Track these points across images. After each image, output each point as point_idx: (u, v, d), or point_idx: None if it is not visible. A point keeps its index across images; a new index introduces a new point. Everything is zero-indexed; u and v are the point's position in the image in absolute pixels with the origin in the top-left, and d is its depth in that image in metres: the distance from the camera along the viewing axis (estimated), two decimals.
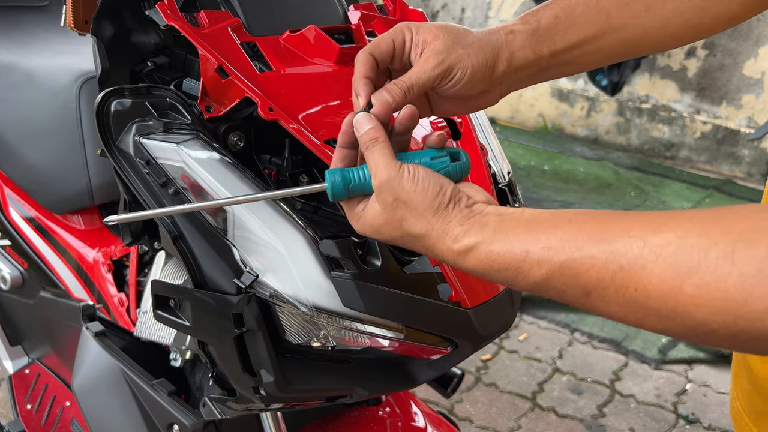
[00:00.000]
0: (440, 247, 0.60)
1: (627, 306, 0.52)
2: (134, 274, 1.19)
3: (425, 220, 0.60)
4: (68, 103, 1.27)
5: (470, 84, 0.69)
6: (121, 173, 0.75)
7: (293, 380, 0.76)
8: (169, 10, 0.77)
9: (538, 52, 0.71)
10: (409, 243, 0.62)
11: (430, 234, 0.60)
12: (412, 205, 0.60)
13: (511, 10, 4.73)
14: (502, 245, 0.57)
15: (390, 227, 0.62)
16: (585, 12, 0.72)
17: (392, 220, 0.61)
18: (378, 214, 0.62)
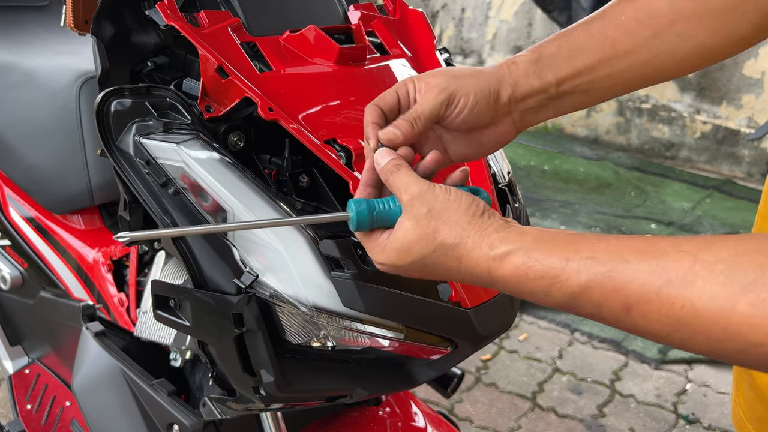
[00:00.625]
0: (475, 255, 0.58)
1: (671, 324, 0.49)
2: (134, 274, 1.19)
3: (460, 227, 0.59)
4: (68, 103, 1.27)
5: (475, 111, 0.69)
6: (121, 173, 0.75)
7: (293, 380, 0.76)
8: (169, 10, 0.77)
9: (543, 79, 0.71)
10: (440, 258, 0.60)
11: (466, 241, 0.58)
12: (446, 214, 0.59)
13: (511, 10, 4.73)
14: (540, 252, 0.55)
15: (422, 242, 0.60)
16: (588, 40, 0.72)
17: (425, 233, 0.60)
18: (409, 232, 0.60)
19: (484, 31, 4.91)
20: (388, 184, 0.64)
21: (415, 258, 0.61)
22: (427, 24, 0.94)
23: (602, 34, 0.72)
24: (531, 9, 4.64)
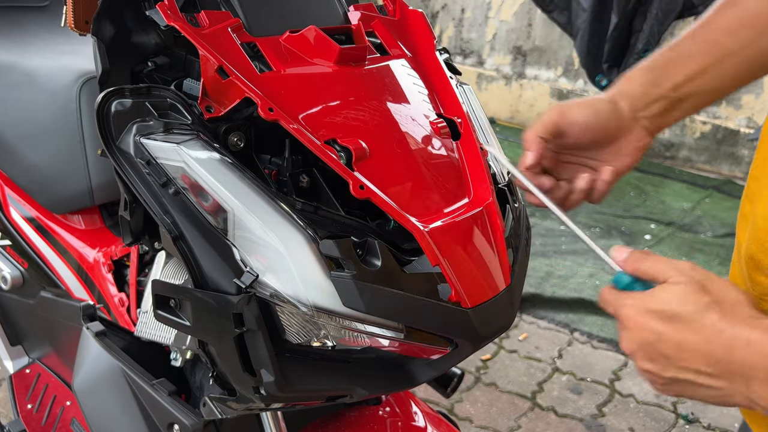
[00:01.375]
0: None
1: None
2: (134, 274, 1.19)
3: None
4: (68, 103, 1.27)
5: (598, 118, 0.79)
6: (121, 173, 0.75)
7: (293, 380, 0.76)
8: (169, 11, 0.77)
9: (660, 86, 0.79)
10: (712, 315, 0.58)
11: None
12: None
13: (511, 11, 4.73)
14: None
15: (692, 298, 0.59)
16: (695, 47, 0.79)
17: (695, 291, 0.60)
18: (679, 287, 0.60)
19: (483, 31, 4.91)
20: (641, 272, 0.64)
21: (659, 315, 0.60)
22: (427, 24, 0.94)
23: (707, 40, 0.78)
24: (531, 9, 4.64)
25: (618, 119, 0.80)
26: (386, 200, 0.74)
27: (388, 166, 0.77)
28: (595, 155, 0.82)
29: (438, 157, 0.82)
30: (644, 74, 0.80)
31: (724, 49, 0.77)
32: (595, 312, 2.77)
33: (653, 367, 0.62)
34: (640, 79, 0.80)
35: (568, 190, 0.83)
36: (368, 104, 0.80)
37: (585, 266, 3.08)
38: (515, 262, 0.84)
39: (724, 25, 0.78)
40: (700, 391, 0.61)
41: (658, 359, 0.61)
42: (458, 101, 0.88)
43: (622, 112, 0.79)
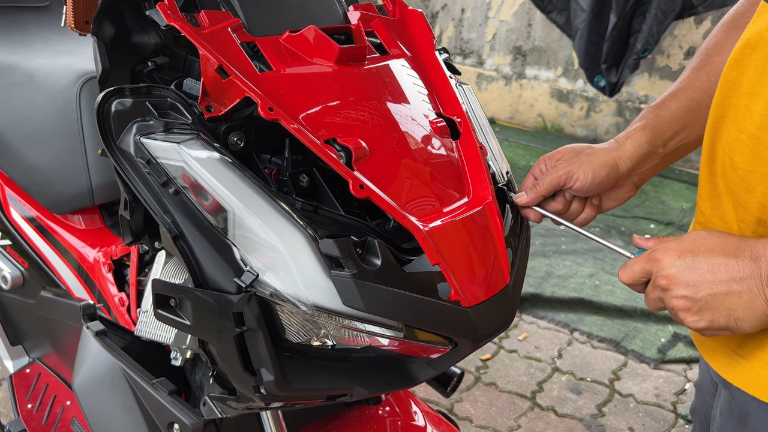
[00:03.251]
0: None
1: None
2: (135, 273, 1.19)
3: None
4: (69, 103, 1.27)
5: (596, 183, 0.90)
6: (121, 173, 0.75)
7: (293, 379, 0.76)
8: (169, 11, 0.77)
9: (653, 144, 0.93)
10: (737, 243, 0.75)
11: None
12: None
13: (511, 11, 4.73)
14: None
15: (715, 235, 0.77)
16: (680, 106, 0.93)
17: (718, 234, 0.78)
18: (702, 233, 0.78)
19: (483, 31, 4.91)
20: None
21: (695, 235, 0.75)
22: (426, 24, 0.94)
23: (688, 98, 0.93)
24: (530, 10, 4.64)
25: (615, 179, 0.92)
26: (386, 200, 0.74)
27: (388, 165, 0.77)
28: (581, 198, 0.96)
29: (437, 156, 0.83)
30: (642, 135, 0.92)
31: (701, 105, 0.92)
32: (595, 312, 2.78)
33: (688, 291, 0.74)
34: (639, 140, 0.92)
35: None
36: (368, 104, 0.80)
37: (585, 266, 3.08)
38: (515, 262, 0.84)
39: (699, 85, 0.93)
40: (730, 302, 0.73)
41: (694, 282, 0.74)
42: (458, 101, 0.88)
43: (620, 171, 0.91)
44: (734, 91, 0.82)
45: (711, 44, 0.97)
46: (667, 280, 0.76)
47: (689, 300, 0.75)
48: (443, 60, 0.93)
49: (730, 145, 0.82)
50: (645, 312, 2.76)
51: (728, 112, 0.82)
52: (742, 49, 0.81)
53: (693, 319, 0.76)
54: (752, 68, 0.78)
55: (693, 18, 4.08)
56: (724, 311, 0.74)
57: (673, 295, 0.76)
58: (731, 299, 0.73)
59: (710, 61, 0.95)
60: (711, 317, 0.75)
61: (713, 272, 0.74)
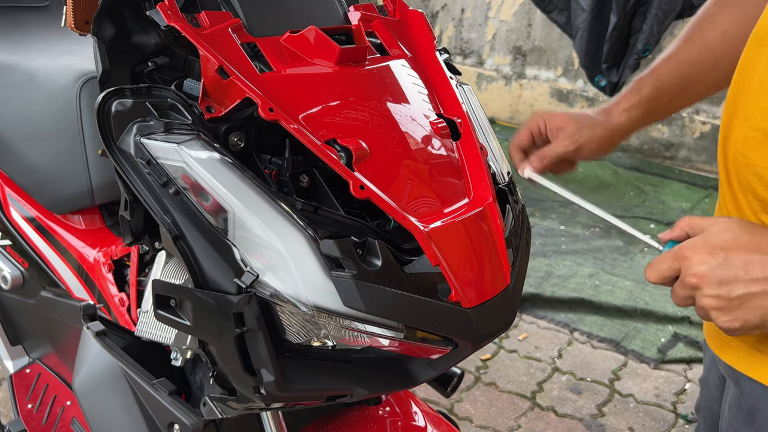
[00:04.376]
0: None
1: None
2: (135, 273, 1.19)
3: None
4: (69, 103, 1.27)
5: (596, 152, 0.99)
6: (121, 173, 0.75)
7: (293, 380, 0.76)
8: (169, 11, 0.77)
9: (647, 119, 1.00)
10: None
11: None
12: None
13: (511, 11, 4.73)
14: None
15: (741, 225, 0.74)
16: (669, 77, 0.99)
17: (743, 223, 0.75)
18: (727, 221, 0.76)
19: (483, 31, 4.91)
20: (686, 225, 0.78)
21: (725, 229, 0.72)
22: (427, 24, 0.94)
23: (680, 71, 0.98)
24: (530, 9, 4.64)
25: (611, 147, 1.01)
26: (386, 200, 0.74)
27: (388, 166, 0.77)
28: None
29: (438, 157, 0.83)
30: (640, 110, 0.99)
31: (690, 79, 0.98)
32: (595, 312, 2.78)
33: (721, 290, 0.71)
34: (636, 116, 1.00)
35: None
36: (368, 104, 0.80)
37: (585, 266, 3.08)
38: (515, 262, 0.84)
39: (691, 58, 0.98)
40: (766, 301, 0.70)
41: (727, 280, 0.70)
42: (458, 101, 0.88)
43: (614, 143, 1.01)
44: (745, 89, 0.82)
45: (703, 17, 0.98)
46: (698, 279, 0.72)
47: (722, 299, 0.72)
48: (443, 60, 0.93)
49: (742, 142, 0.81)
50: (645, 312, 2.76)
51: (739, 111, 0.82)
52: (752, 46, 0.81)
53: (726, 318, 0.72)
54: (762, 65, 0.78)
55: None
56: (759, 310, 0.71)
57: (704, 294, 0.72)
58: (765, 298, 0.70)
59: (702, 35, 0.97)
60: (745, 316, 0.71)
61: (747, 270, 0.70)
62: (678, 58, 0.99)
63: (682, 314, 2.74)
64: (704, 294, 0.72)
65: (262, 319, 0.72)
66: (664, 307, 2.79)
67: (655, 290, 2.91)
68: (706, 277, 0.72)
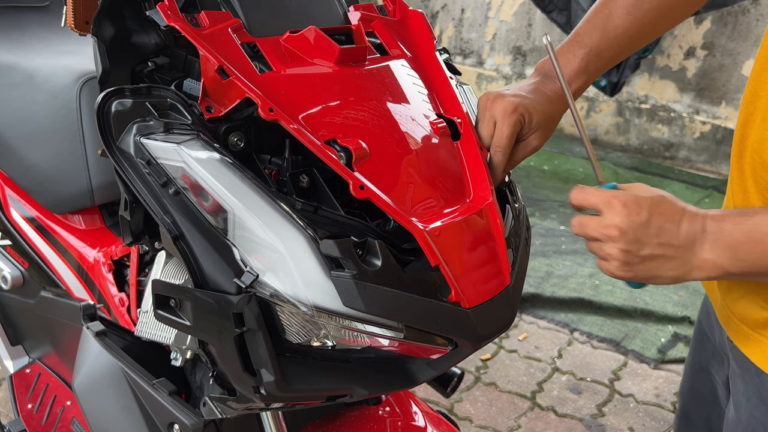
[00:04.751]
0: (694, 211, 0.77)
1: None
2: (135, 273, 1.19)
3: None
4: (69, 103, 1.27)
5: (545, 121, 0.91)
6: (121, 173, 0.75)
7: (293, 380, 0.76)
8: (169, 11, 0.77)
9: (585, 60, 0.95)
10: (668, 206, 0.77)
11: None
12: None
13: (511, 11, 4.73)
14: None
15: (650, 195, 0.78)
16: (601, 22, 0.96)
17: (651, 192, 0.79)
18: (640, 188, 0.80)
19: (483, 31, 4.91)
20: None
21: (653, 196, 0.77)
22: (426, 24, 0.94)
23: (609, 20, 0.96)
24: (530, 9, 4.64)
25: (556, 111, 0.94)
26: (386, 200, 0.74)
27: (388, 166, 0.77)
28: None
29: (438, 157, 0.83)
30: (583, 79, 0.96)
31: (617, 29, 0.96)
32: (595, 312, 2.78)
33: (633, 247, 0.76)
34: (581, 86, 0.96)
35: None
36: (368, 104, 0.80)
37: (585, 266, 3.08)
38: (515, 262, 0.84)
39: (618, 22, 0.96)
40: (663, 265, 0.77)
41: (641, 240, 0.76)
42: (458, 101, 0.88)
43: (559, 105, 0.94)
44: (762, 89, 0.82)
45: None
46: (619, 231, 0.77)
47: (631, 255, 0.77)
48: (443, 60, 0.93)
49: (759, 143, 0.83)
50: (645, 312, 2.76)
51: (757, 111, 0.83)
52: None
53: (622, 271, 0.79)
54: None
55: (693, 18, 4.08)
56: (651, 271, 0.78)
57: (616, 246, 0.77)
58: (662, 261, 0.77)
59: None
60: (638, 273, 0.78)
61: (659, 235, 0.76)
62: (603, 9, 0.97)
63: (682, 314, 2.75)
64: (616, 246, 0.77)
65: (262, 319, 0.72)
66: (664, 307, 2.79)
67: (655, 290, 2.91)
68: (625, 233, 0.77)
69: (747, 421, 0.90)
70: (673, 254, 0.77)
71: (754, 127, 0.84)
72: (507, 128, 0.86)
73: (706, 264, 0.76)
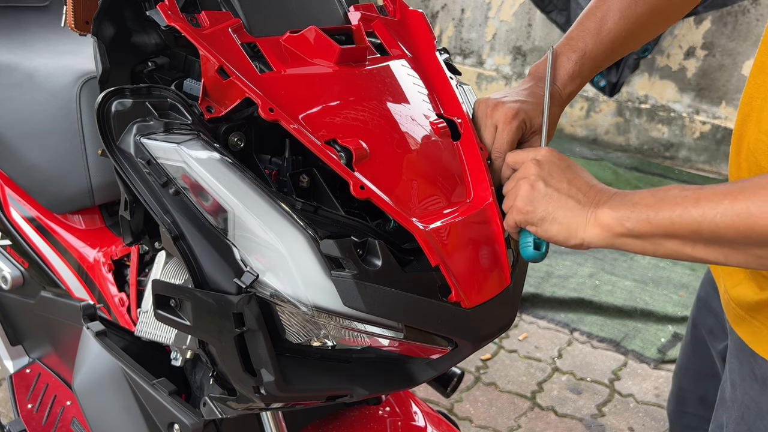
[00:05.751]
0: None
1: None
2: (135, 273, 1.19)
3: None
4: (69, 103, 1.27)
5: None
6: (121, 173, 0.75)
7: (293, 380, 0.76)
8: (169, 11, 0.77)
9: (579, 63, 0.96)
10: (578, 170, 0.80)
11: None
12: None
13: (511, 11, 4.73)
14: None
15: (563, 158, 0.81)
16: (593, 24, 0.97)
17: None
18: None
19: (483, 31, 4.91)
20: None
21: (573, 161, 0.80)
22: (427, 25, 0.94)
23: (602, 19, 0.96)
24: (530, 10, 4.64)
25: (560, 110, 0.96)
26: (386, 200, 0.74)
27: (389, 166, 0.77)
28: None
29: (438, 157, 0.83)
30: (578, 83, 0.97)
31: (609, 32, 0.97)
32: (595, 312, 2.78)
33: (545, 175, 0.79)
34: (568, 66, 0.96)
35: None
36: (368, 104, 0.80)
37: (585, 266, 3.08)
38: (515, 262, 0.84)
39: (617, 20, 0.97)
40: (562, 209, 0.78)
41: (555, 173, 0.79)
42: (458, 101, 0.88)
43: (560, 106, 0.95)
44: (758, 92, 0.83)
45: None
46: (536, 164, 0.80)
47: (539, 184, 0.79)
48: (443, 60, 0.93)
49: (754, 144, 0.83)
50: (645, 312, 2.76)
51: (753, 113, 0.84)
52: (765, 51, 0.82)
53: (524, 202, 0.80)
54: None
55: (693, 18, 4.08)
56: (550, 209, 0.78)
57: (530, 174, 0.79)
58: (563, 203, 0.78)
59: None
60: (536, 207, 0.79)
61: (571, 181, 0.78)
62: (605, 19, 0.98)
63: (682, 314, 2.75)
64: (531, 173, 0.80)
65: (262, 319, 0.72)
66: (664, 307, 2.80)
67: (656, 290, 2.91)
68: (542, 166, 0.79)
69: (741, 399, 0.92)
70: (576, 202, 0.77)
71: (750, 127, 0.85)
72: (508, 134, 0.87)
73: (602, 223, 0.75)
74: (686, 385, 1.21)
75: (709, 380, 1.12)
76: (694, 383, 1.18)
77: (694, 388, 1.18)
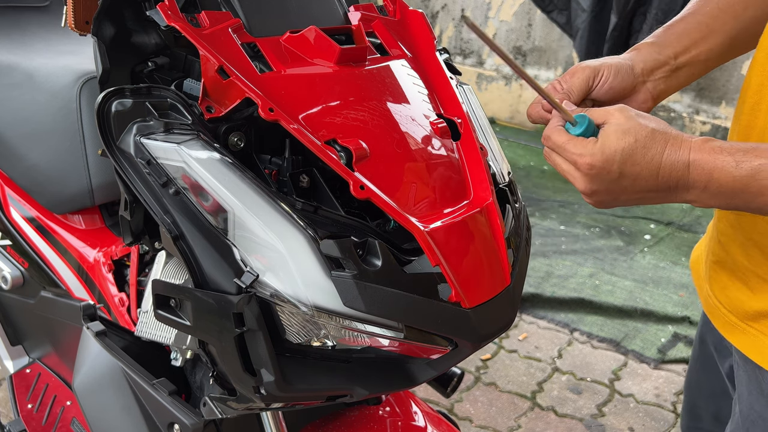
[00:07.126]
0: (678, 137, 0.76)
1: None
2: (135, 273, 1.19)
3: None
4: (69, 103, 1.27)
5: (618, 80, 0.90)
6: (121, 173, 0.75)
7: (293, 380, 0.76)
8: (169, 11, 0.77)
9: (663, 54, 0.94)
10: (648, 144, 0.75)
11: (670, 130, 0.76)
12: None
13: (511, 11, 4.73)
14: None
15: (633, 131, 0.75)
16: (688, 26, 0.97)
17: (636, 124, 0.76)
18: (621, 122, 0.77)
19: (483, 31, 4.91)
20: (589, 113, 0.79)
21: (624, 146, 0.75)
22: (427, 25, 0.94)
23: (696, 21, 0.97)
24: (530, 9, 4.64)
25: (633, 80, 0.92)
26: (386, 200, 0.74)
27: (389, 166, 0.77)
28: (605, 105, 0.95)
29: (438, 157, 0.83)
30: (649, 47, 0.94)
31: (709, 28, 0.96)
32: (595, 312, 2.78)
33: (608, 197, 0.79)
34: (646, 50, 0.94)
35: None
36: (368, 104, 0.80)
37: (585, 266, 3.08)
38: (515, 262, 0.84)
39: (707, 11, 0.97)
40: (643, 202, 0.79)
41: (616, 191, 0.78)
42: (458, 101, 0.88)
43: (635, 72, 0.92)
44: (755, 83, 0.85)
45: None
46: (591, 192, 0.79)
47: (606, 204, 0.80)
48: (444, 60, 0.93)
49: (765, 131, 0.84)
50: (645, 312, 2.76)
51: (764, 100, 0.85)
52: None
53: (602, 207, 0.81)
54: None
55: None
56: (632, 204, 0.80)
57: (590, 199, 0.80)
58: (641, 202, 0.79)
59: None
60: (618, 205, 0.81)
61: (634, 185, 0.77)
62: (694, 11, 0.98)
63: (682, 314, 2.75)
64: (591, 199, 0.80)
65: (262, 319, 0.72)
66: (664, 307, 2.79)
67: (656, 290, 2.91)
68: (597, 193, 0.79)
69: (747, 413, 0.91)
70: (653, 197, 0.78)
71: (760, 115, 0.86)
72: (577, 80, 0.88)
73: (691, 201, 0.77)
74: (700, 402, 1.18)
75: (721, 398, 1.10)
76: (707, 401, 1.16)
77: (708, 405, 1.16)
